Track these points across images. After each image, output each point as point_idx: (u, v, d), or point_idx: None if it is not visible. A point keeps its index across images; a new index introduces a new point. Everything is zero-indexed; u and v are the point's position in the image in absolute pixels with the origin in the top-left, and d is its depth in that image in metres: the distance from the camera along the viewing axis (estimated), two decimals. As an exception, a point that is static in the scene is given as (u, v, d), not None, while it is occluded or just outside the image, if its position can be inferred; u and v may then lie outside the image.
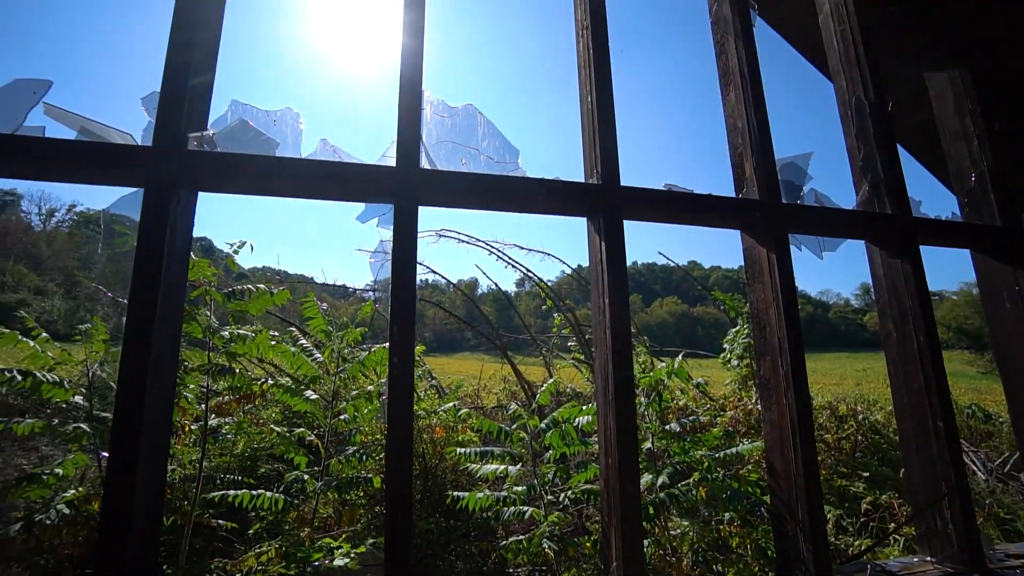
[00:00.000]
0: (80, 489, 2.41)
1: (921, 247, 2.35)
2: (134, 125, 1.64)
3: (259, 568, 1.78)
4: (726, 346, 4.99)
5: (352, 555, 1.67)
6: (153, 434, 1.51)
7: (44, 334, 2.19)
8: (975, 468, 4.35)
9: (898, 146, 4.20)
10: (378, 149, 1.88)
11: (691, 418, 2.63)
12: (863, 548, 2.65)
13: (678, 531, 2.38)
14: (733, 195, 2.29)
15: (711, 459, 2.39)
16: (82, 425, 2.20)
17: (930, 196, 2.89)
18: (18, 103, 1.49)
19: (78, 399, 2.35)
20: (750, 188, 2.22)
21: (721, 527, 2.34)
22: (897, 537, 2.84)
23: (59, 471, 2.21)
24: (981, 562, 1.92)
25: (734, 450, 2.34)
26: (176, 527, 2.66)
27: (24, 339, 2.09)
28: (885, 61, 3.40)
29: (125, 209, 1.65)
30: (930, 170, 3.92)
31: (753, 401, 4.61)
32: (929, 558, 2.03)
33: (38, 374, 2.14)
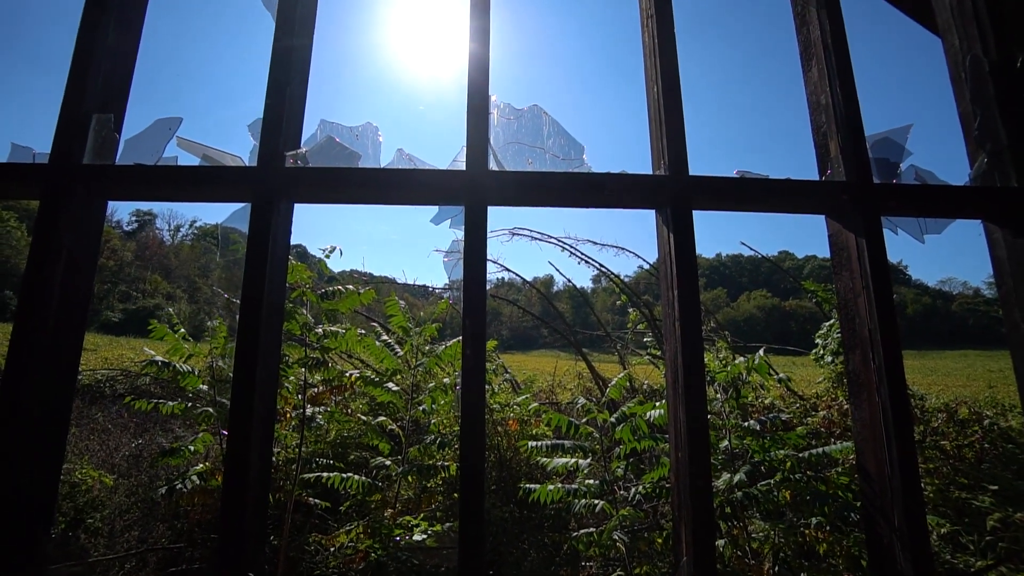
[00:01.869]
0: (206, 464, 2.80)
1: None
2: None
3: (349, 544, 1.96)
4: (818, 341, 4.61)
5: (429, 532, 1.80)
6: (262, 415, 1.74)
7: (183, 330, 2.58)
8: None
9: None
10: (452, 153, 2.00)
11: (772, 416, 2.48)
12: (983, 567, 2.34)
13: (760, 534, 2.27)
14: (816, 178, 2.14)
15: (795, 459, 2.25)
16: (208, 409, 2.56)
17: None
18: (158, 139, 1.78)
19: (203, 387, 2.73)
20: (835, 169, 2.06)
21: (807, 532, 2.19)
22: (1032, 559, 2.48)
23: (192, 447, 2.59)
24: None
25: (820, 450, 2.18)
26: (279, 503, 2.99)
27: (171, 332, 2.48)
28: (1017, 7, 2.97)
29: (236, 223, 1.90)
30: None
31: (849, 401, 4.22)
32: (1066, 581, 1.77)
33: (177, 365, 2.53)
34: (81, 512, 3.03)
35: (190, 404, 2.67)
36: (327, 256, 2.73)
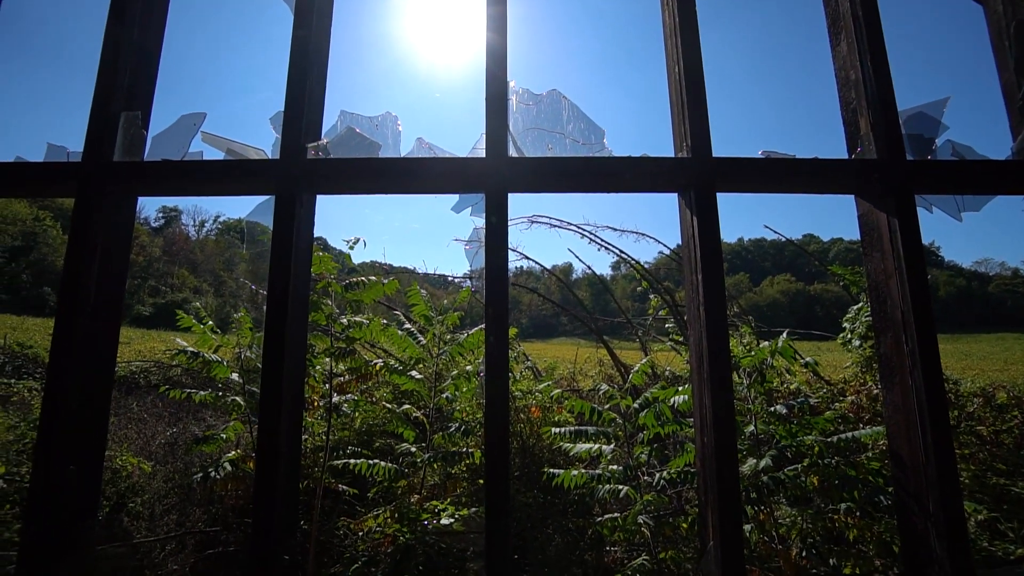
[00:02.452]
0: (238, 451, 2.89)
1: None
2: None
3: (377, 528, 2.01)
4: (846, 325, 4.50)
5: (456, 516, 1.84)
6: (290, 404, 1.79)
7: (210, 322, 2.66)
8: None
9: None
10: (471, 141, 1.99)
11: (799, 400, 2.44)
12: (1023, 554, 2.28)
13: (787, 519, 2.25)
14: (845, 156, 2.07)
15: (823, 444, 2.21)
16: (237, 398, 2.64)
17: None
18: (183, 134, 1.82)
19: (234, 376, 2.81)
20: (866, 146, 1.99)
21: (836, 517, 2.16)
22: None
23: (224, 435, 2.68)
24: None
25: (849, 435, 2.14)
26: (308, 490, 3.07)
27: (198, 324, 2.56)
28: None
29: (260, 216, 1.94)
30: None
31: (879, 385, 4.12)
32: (1112, 569, 1.71)
33: (206, 355, 2.61)
34: (123, 496, 3.18)
35: (220, 393, 2.75)
36: (351, 248, 2.77)
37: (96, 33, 2.07)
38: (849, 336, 4.70)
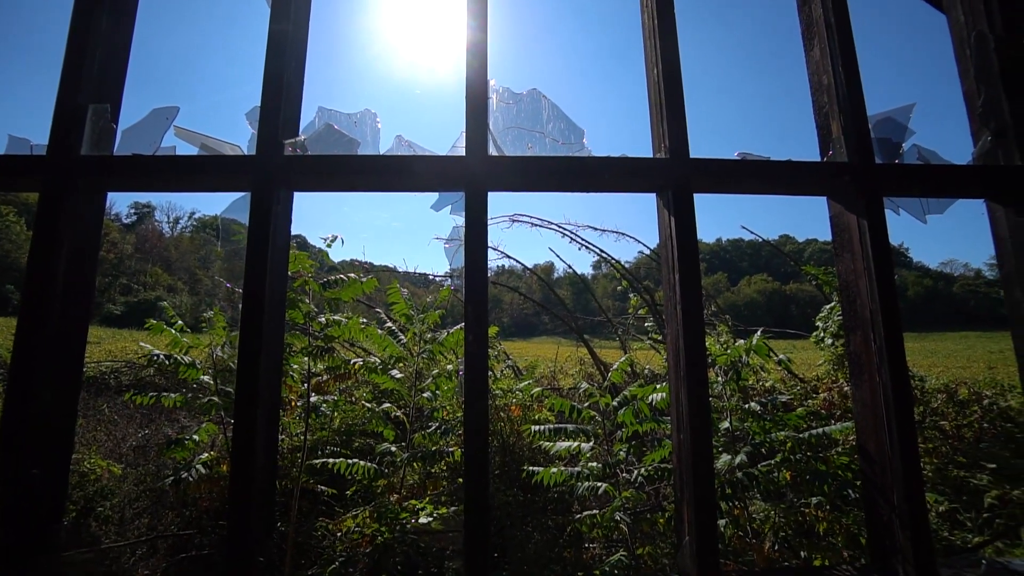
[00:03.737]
0: (212, 453, 2.83)
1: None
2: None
3: (356, 528, 2.00)
4: (819, 324, 4.62)
5: (434, 515, 1.83)
6: (267, 404, 1.76)
7: (180, 323, 2.59)
8: None
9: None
10: (451, 139, 1.98)
11: (771, 397, 2.50)
12: (979, 542, 2.38)
13: (761, 514, 2.31)
14: (818, 159, 2.13)
15: (795, 440, 2.27)
16: (213, 398, 2.58)
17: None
18: (155, 129, 1.77)
19: (206, 378, 2.75)
20: (837, 150, 2.05)
21: (807, 511, 2.22)
22: (1030, 536, 2.52)
23: (196, 437, 2.62)
24: None
25: (820, 431, 2.20)
26: (286, 490, 3.03)
27: (168, 328, 2.49)
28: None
29: (236, 212, 1.90)
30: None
31: (849, 382, 4.25)
32: (1063, 556, 1.80)
33: (177, 357, 2.55)
34: (91, 501, 3.08)
35: (191, 395, 2.69)
36: (329, 245, 2.74)
37: (62, 21, 2.00)
38: (822, 335, 4.82)
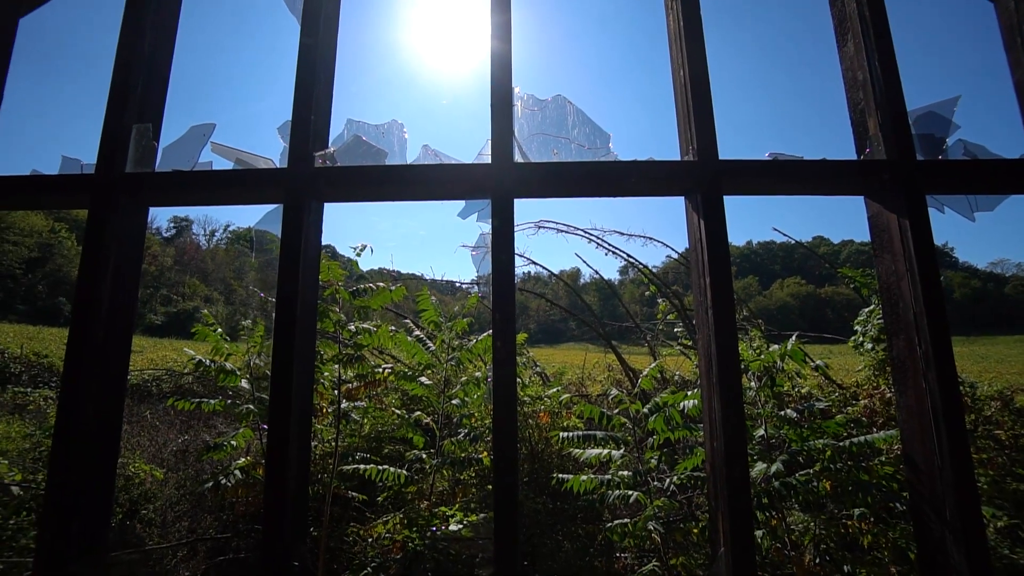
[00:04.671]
0: (248, 458, 2.91)
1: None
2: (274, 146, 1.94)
3: (386, 535, 2.01)
4: (857, 328, 4.43)
5: (464, 522, 1.83)
6: (299, 411, 1.80)
7: (220, 330, 2.69)
8: None
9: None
10: (477, 146, 2.00)
11: (808, 404, 2.41)
12: (1043, 559, 2.22)
13: (800, 525, 2.22)
14: (854, 157, 2.05)
15: (834, 449, 2.18)
16: (249, 405, 2.66)
17: None
18: (193, 145, 1.85)
19: (244, 383, 2.83)
20: (875, 147, 1.98)
21: (850, 523, 2.12)
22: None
23: (234, 442, 2.70)
24: None
25: (862, 439, 2.11)
26: (318, 496, 3.08)
27: (213, 333, 2.59)
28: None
29: (269, 224, 1.96)
30: None
31: (892, 389, 4.06)
32: None
33: (222, 363, 2.64)
34: (136, 504, 3.21)
35: (230, 401, 2.78)
36: (359, 255, 2.79)
37: (106, 44, 2.11)
38: (861, 339, 4.62)
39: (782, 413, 2.38)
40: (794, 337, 2.43)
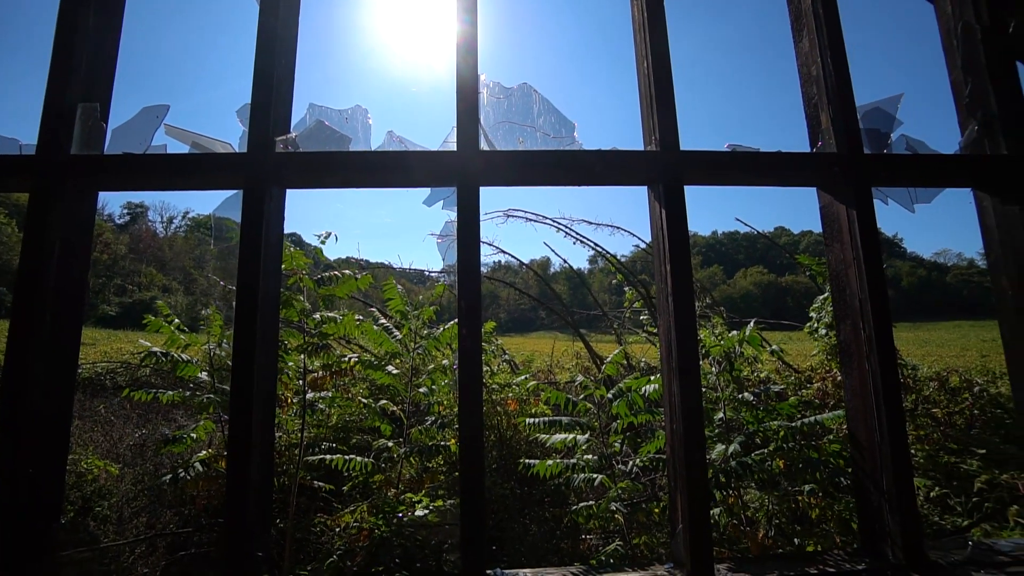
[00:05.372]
0: (210, 450, 2.84)
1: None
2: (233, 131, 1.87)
3: (354, 524, 2.01)
4: (812, 315, 4.65)
5: (431, 508, 1.85)
6: (262, 400, 1.77)
7: (177, 320, 2.60)
8: None
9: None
10: (443, 132, 1.98)
11: (764, 388, 2.53)
12: (967, 525, 2.43)
13: (755, 503, 2.34)
14: (807, 150, 2.14)
15: (787, 429, 2.30)
16: (211, 395, 2.59)
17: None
18: (145, 127, 1.77)
19: (203, 375, 2.75)
20: (826, 140, 2.07)
21: (800, 499, 2.25)
22: (1021, 521, 2.57)
23: (194, 435, 2.63)
24: (1115, 543, 1.71)
25: (812, 419, 2.23)
26: (284, 487, 3.04)
27: (166, 325, 2.50)
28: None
29: (229, 210, 1.89)
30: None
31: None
32: (1050, 538, 1.84)
33: (175, 354, 2.55)
34: (88, 501, 3.09)
35: (189, 393, 2.69)
36: (323, 242, 2.73)
37: (49, 17, 1.98)
38: (816, 325, 4.85)
39: (740, 396, 2.49)
40: (752, 323, 2.53)
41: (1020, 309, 2.01)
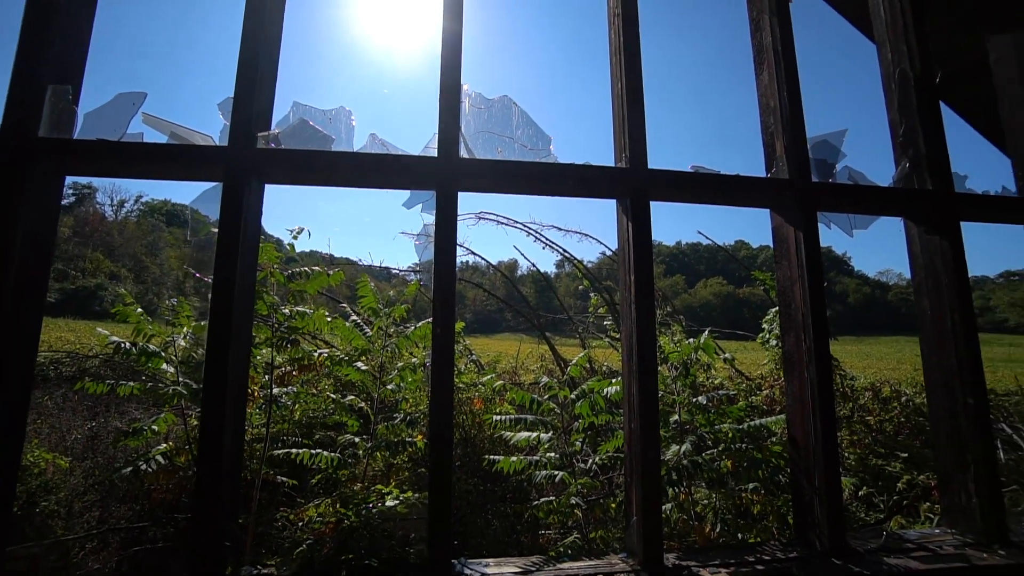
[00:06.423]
0: (169, 444, 2.79)
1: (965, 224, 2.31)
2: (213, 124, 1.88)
3: (318, 518, 2.05)
4: (764, 326, 4.95)
5: (400, 499, 1.91)
6: (235, 391, 1.78)
7: (139, 310, 2.54)
8: (1031, 452, 4.18)
9: (961, 120, 3.99)
10: (422, 133, 2.05)
11: (719, 392, 2.71)
12: (883, 518, 2.69)
13: (704, 499, 2.50)
14: (764, 175, 2.33)
15: (736, 431, 2.49)
16: (177, 387, 2.55)
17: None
18: (121, 114, 1.75)
19: (168, 368, 2.70)
20: (780, 167, 2.25)
21: (745, 495, 2.44)
22: (931, 516, 2.85)
23: (155, 427, 2.58)
24: (1003, 535, 1.95)
25: (758, 422, 2.43)
26: (246, 481, 3.01)
27: (136, 313, 2.44)
28: (943, 26, 3.24)
29: (206, 202, 1.90)
30: (994, 143, 3.73)
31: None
32: (950, 530, 2.07)
33: (149, 347, 2.51)
34: (33, 495, 2.96)
35: (152, 384, 2.64)
36: (295, 237, 2.73)
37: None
38: (767, 336, 5.14)
39: (695, 400, 2.66)
40: (706, 332, 2.71)
41: (937, 328, 2.25)
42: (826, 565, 1.80)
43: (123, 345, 2.43)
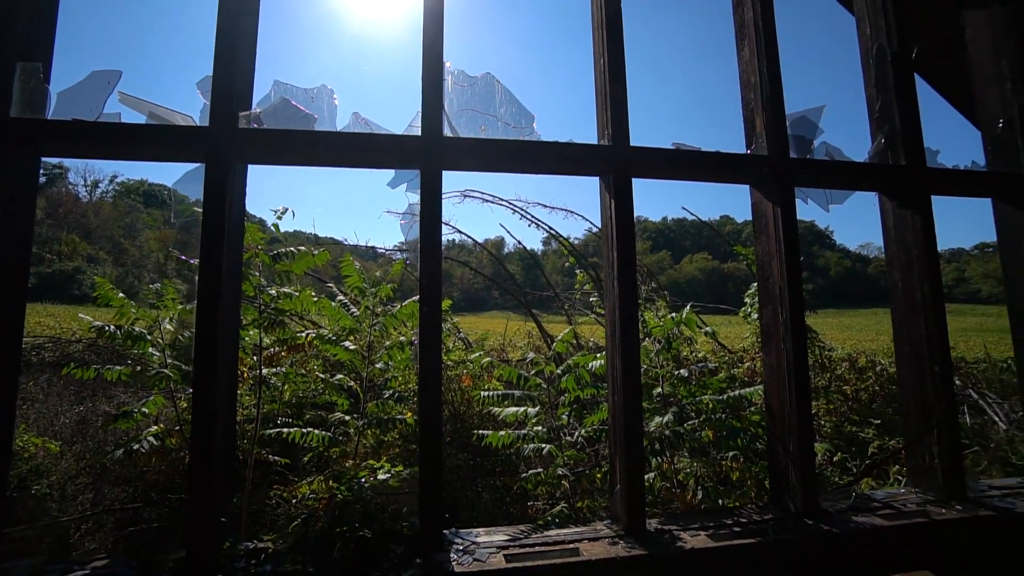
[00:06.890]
0: (161, 426, 2.81)
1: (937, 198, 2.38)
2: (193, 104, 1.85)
3: (311, 495, 2.09)
4: (747, 300, 5.05)
5: (392, 472, 1.97)
6: (225, 373, 1.80)
7: (121, 295, 2.52)
8: (996, 419, 4.39)
9: (936, 93, 4.04)
10: (405, 113, 2.03)
11: (700, 365, 2.80)
12: (852, 480, 2.84)
13: (686, 468, 2.61)
14: (743, 152, 2.36)
15: (716, 402, 2.58)
16: (164, 370, 2.55)
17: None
18: (96, 93, 1.71)
19: (152, 350, 2.70)
20: (759, 143, 2.29)
21: (724, 463, 2.55)
22: (900, 478, 3.01)
23: (145, 410, 2.59)
24: (962, 492, 2.08)
25: (737, 393, 2.52)
26: (239, 462, 3.05)
27: (119, 296, 2.42)
28: (922, 1, 3.26)
29: (188, 184, 1.87)
30: (967, 117, 3.80)
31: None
32: (915, 489, 2.20)
33: (135, 330, 2.50)
34: (24, 479, 2.97)
35: (140, 368, 2.64)
36: (279, 217, 2.71)
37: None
38: (749, 310, 5.25)
39: (678, 373, 2.74)
40: (688, 307, 2.78)
41: (907, 300, 2.34)
42: (799, 525, 1.91)
43: (107, 328, 2.41)
